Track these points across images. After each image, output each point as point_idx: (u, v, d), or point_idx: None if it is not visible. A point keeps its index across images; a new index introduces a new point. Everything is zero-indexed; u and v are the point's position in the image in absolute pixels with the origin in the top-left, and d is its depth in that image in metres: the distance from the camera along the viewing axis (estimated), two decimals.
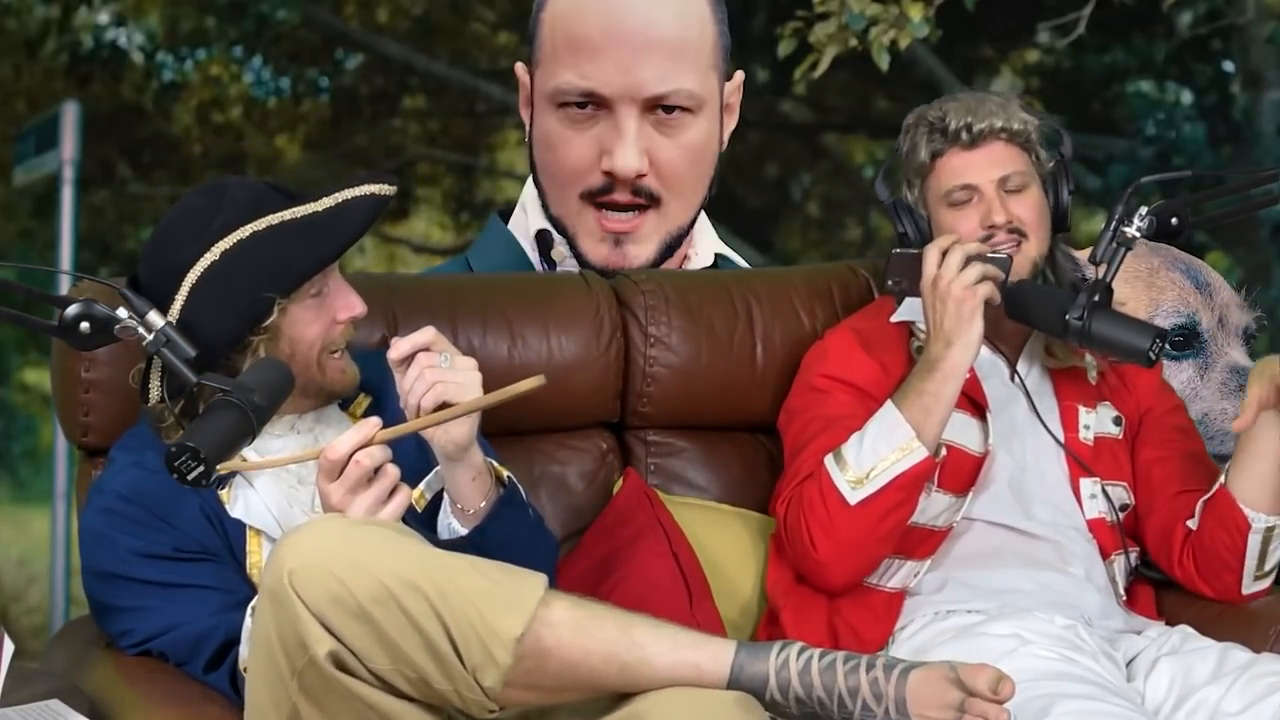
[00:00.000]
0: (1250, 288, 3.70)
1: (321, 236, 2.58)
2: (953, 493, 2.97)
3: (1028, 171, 3.01)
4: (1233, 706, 2.74)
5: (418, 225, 7.52)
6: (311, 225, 2.59)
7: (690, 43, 3.18)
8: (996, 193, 2.99)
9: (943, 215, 3.01)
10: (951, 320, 2.90)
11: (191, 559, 2.61)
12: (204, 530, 2.63)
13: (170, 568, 2.61)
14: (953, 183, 3.00)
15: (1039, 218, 3.01)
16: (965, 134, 2.99)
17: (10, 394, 7.23)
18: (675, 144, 3.17)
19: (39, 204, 6.90)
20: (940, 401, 2.89)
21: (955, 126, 2.99)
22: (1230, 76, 7.03)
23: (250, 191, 2.61)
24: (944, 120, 3.00)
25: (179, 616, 2.59)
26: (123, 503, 2.63)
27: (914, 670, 2.42)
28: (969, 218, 2.99)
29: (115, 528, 2.62)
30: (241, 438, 2.50)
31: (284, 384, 2.59)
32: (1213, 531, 2.98)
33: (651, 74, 3.12)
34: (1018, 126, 3.01)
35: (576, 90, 3.13)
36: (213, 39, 7.17)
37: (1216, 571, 3.00)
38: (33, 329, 2.62)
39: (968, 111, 3.00)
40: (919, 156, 3.02)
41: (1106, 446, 3.08)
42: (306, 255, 2.59)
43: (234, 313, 2.56)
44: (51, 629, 6.28)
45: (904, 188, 3.06)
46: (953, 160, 3.00)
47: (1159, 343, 2.93)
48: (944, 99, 3.06)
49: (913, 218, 3.04)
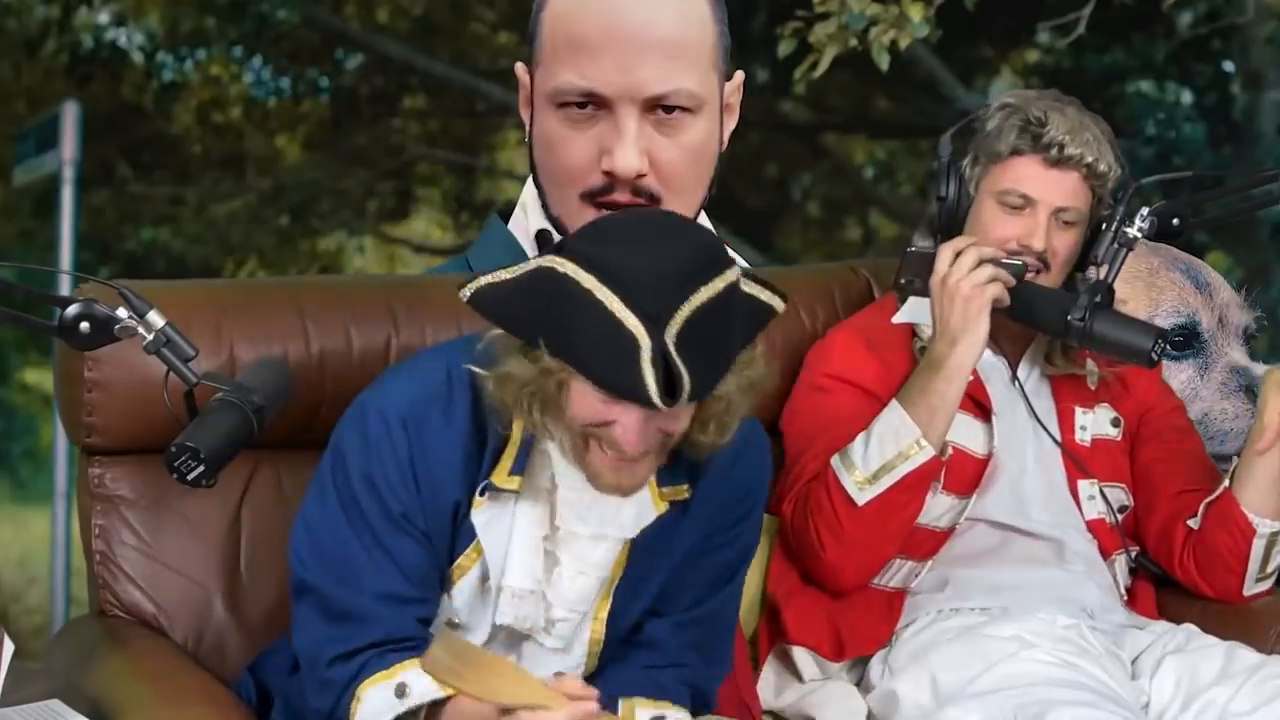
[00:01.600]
0: (1250, 288, 3.70)
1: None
2: (956, 494, 2.97)
3: (1085, 211, 2.98)
4: (1242, 707, 2.75)
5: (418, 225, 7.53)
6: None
7: (690, 43, 3.17)
8: (1049, 218, 2.95)
9: (989, 208, 2.99)
10: (958, 318, 2.89)
11: (405, 530, 2.49)
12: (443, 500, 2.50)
13: (385, 524, 2.49)
14: (1017, 187, 2.96)
15: (1070, 257, 2.99)
16: (1056, 150, 2.94)
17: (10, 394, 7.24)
18: (675, 144, 3.17)
19: (39, 204, 6.91)
20: (946, 401, 2.89)
21: (1050, 138, 2.94)
22: (1230, 76, 7.04)
23: None
24: (1044, 125, 2.95)
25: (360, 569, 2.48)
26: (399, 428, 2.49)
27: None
28: (1012, 225, 2.96)
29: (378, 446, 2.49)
30: (242, 439, 2.50)
31: (283, 384, 2.59)
32: (1215, 534, 2.98)
33: (651, 74, 3.12)
34: (1103, 169, 2.96)
35: (576, 90, 3.13)
36: (213, 39, 7.18)
37: (1218, 572, 3.01)
38: (33, 329, 2.62)
39: (1068, 131, 2.94)
40: (999, 143, 2.97)
41: (1104, 448, 3.08)
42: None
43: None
44: (51, 629, 6.28)
45: (967, 155, 3.01)
46: (1030, 167, 2.96)
47: (1160, 343, 2.93)
48: (1051, 101, 3.00)
49: (960, 187, 3.00)
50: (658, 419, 2.35)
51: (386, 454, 2.48)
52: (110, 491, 2.85)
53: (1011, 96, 3.02)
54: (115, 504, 2.85)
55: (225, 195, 7.29)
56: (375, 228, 7.48)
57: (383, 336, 2.92)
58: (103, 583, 2.83)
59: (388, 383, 2.57)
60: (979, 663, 2.79)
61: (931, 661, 2.86)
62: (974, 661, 2.80)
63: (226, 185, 7.28)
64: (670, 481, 2.51)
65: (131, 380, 2.78)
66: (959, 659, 2.83)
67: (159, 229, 7.31)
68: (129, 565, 2.83)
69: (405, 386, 2.53)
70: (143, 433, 2.81)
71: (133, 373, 2.77)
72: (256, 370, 2.59)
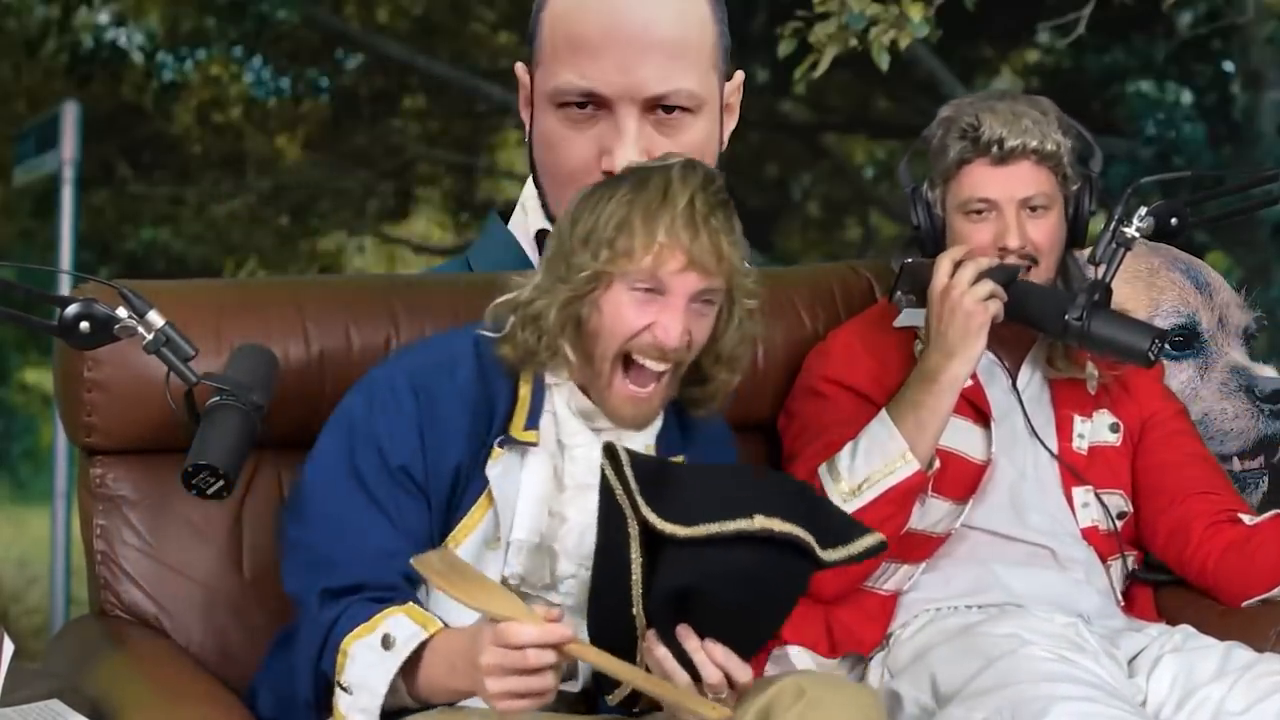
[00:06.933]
0: (1250, 288, 3.70)
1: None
2: (953, 499, 2.97)
3: (1052, 193, 2.96)
4: (1236, 705, 2.74)
5: (418, 225, 7.52)
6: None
7: (690, 43, 3.17)
8: (1017, 213, 2.94)
9: (959, 222, 2.98)
10: (958, 333, 2.88)
11: (402, 485, 2.58)
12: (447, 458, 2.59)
13: (382, 479, 2.58)
14: (974, 194, 2.95)
15: (1054, 243, 2.98)
16: (996, 148, 2.93)
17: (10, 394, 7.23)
18: (675, 144, 3.17)
19: (39, 204, 6.91)
20: (936, 415, 2.88)
21: (987, 138, 2.93)
22: (1230, 76, 7.03)
23: None
24: (978, 128, 2.93)
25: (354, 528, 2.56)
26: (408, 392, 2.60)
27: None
28: (984, 231, 2.95)
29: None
30: (247, 440, 2.50)
31: (272, 373, 2.61)
32: (1268, 546, 2.97)
33: (651, 74, 3.12)
34: (1050, 148, 2.94)
35: (576, 90, 3.13)
36: (213, 39, 7.18)
37: (1242, 577, 2.98)
38: (33, 329, 2.62)
39: (1003, 125, 2.92)
40: (946, 158, 2.96)
41: (1102, 455, 3.07)
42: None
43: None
44: (51, 629, 6.28)
45: (926, 180, 3.01)
46: (978, 172, 2.95)
47: (1159, 343, 2.92)
48: (983, 101, 2.99)
49: (929, 213, 3.00)
50: (689, 315, 2.56)
51: (393, 412, 2.59)
52: (111, 491, 2.85)
53: (948, 108, 3.01)
54: (116, 504, 2.85)
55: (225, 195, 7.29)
56: (375, 228, 7.47)
57: (383, 336, 2.92)
58: (103, 583, 2.83)
59: (394, 358, 2.73)
60: (978, 661, 2.79)
61: (931, 661, 2.86)
62: (973, 660, 2.80)
63: (226, 185, 7.28)
64: (668, 450, 2.65)
65: (131, 380, 2.78)
66: (958, 658, 2.83)
67: (159, 229, 7.31)
68: (130, 565, 2.84)
69: (413, 357, 2.68)
70: (143, 433, 2.81)
71: (133, 373, 2.78)
72: (244, 364, 2.60)
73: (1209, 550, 3.01)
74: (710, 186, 2.59)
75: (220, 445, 2.47)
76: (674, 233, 2.55)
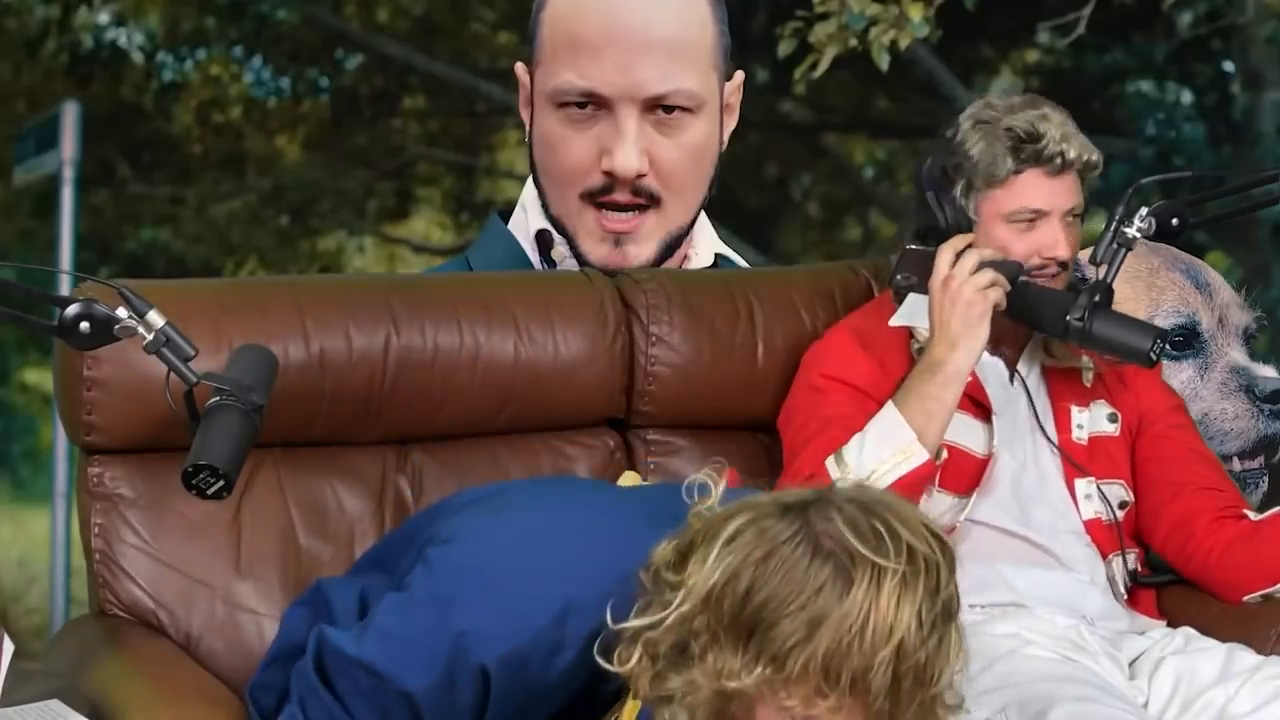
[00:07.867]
0: (1250, 288, 3.70)
1: None
2: (955, 493, 2.97)
3: (1083, 202, 2.98)
4: (1241, 708, 2.74)
5: (418, 225, 7.54)
6: None
7: (690, 43, 3.18)
8: (1064, 225, 2.95)
9: (998, 229, 2.96)
10: (960, 322, 2.89)
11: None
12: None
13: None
14: (1026, 204, 2.94)
15: (1077, 249, 3.01)
16: (1059, 160, 2.92)
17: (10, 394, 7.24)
18: (675, 144, 3.17)
19: (39, 204, 6.92)
20: (942, 405, 2.89)
21: (1050, 151, 2.91)
22: (1230, 76, 7.04)
23: None
24: (1038, 139, 2.92)
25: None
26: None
27: None
28: (1027, 240, 2.95)
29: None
30: (247, 440, 2.50)
31: (272, 373, 2.61)
32: (1273, 541, 2.96)
33: (651, 74, 3.12)
34: (1096, 159, 2.95)
35: (576, 90, 3.13)
36: (213, 39, 7.19)
37: (1246, 571, 2.98)
38: (33, 329, 2.62)
39: (1063, 138, 2.92)
40: (998, 166, 2.93)
41: (1101, 445, 3.07)
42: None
43: None
44: (51, 629, 6.29)
45: (957, 183, 2.97)
46: (1033, 181, 2.93)
47: (1160, 343, 2.93)
48: (1023, 107, 2.97)
49: (956, 215, 2.97)
50: None
51: (459, 700, 2.34)
52: (110, 491, 2.85)
53: (981, 114, 2.97)
54: (115, 503, 2.85)
55: (225, 195, 7.30)
56: (375, 228, 7.49)
57: (382, 336, 2.92)
58: (103, 582, 2.83)
59: (481, 593, 2.29)
60: (978, 661, 2.78)
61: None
62: (973, 660, 2.79)
63: (226, 185, 7.29)
64: None
65: (131, 380, 2.78)
66: None
67: (159, 229, 7.32)
68: (129, 564, 2.83)
69: (503, 620, 2.27)
70: (142, 432, 2.81)
71: (133, 373, 2.77)
72: (243, 360, 2.59)
73: (1213, 545, 3.00)
74: None
75: (220, 445, 2.46)
76: None
